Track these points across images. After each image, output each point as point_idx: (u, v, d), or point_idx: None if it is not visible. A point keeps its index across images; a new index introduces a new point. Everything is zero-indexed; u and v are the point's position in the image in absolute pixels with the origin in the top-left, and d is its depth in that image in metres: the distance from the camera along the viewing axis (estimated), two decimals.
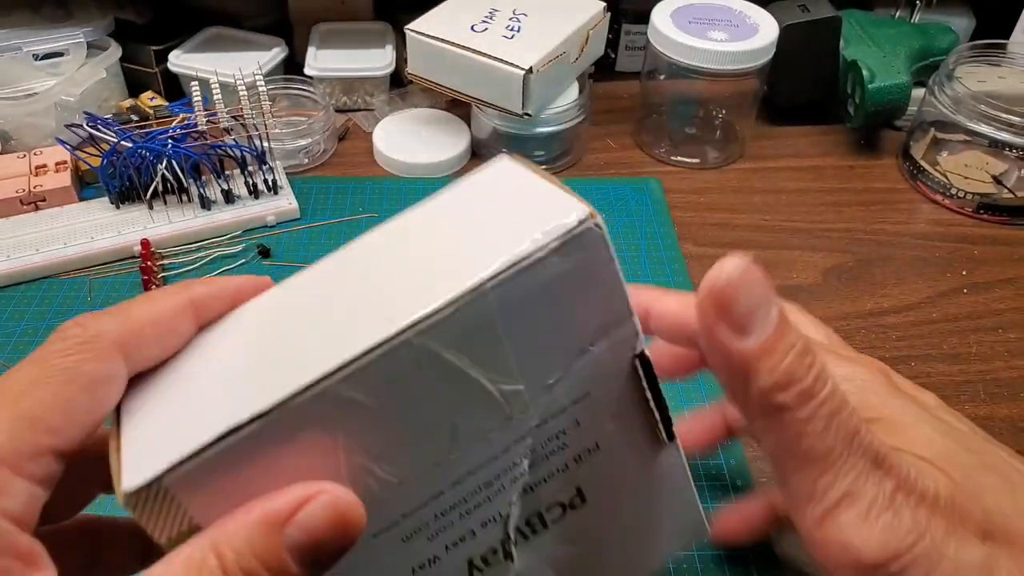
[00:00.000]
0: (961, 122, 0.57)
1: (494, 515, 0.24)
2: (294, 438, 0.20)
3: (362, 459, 0.21)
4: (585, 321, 0.22)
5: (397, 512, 0.22)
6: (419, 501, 0.22)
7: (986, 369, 0.47)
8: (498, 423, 0.22)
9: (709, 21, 0.59)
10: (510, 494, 0.24)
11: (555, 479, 0.24)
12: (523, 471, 0.24)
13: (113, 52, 0.62)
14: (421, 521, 0.23)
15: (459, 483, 0.23)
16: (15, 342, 0.47)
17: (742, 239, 0.56)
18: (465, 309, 0.20)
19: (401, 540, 0.23)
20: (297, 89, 0.63)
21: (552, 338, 0.22)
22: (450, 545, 0.24)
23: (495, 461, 0.23)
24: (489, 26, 0.57)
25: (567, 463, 0.24)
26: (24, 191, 0.53)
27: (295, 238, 0.54)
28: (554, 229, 0.20)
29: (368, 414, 0.20)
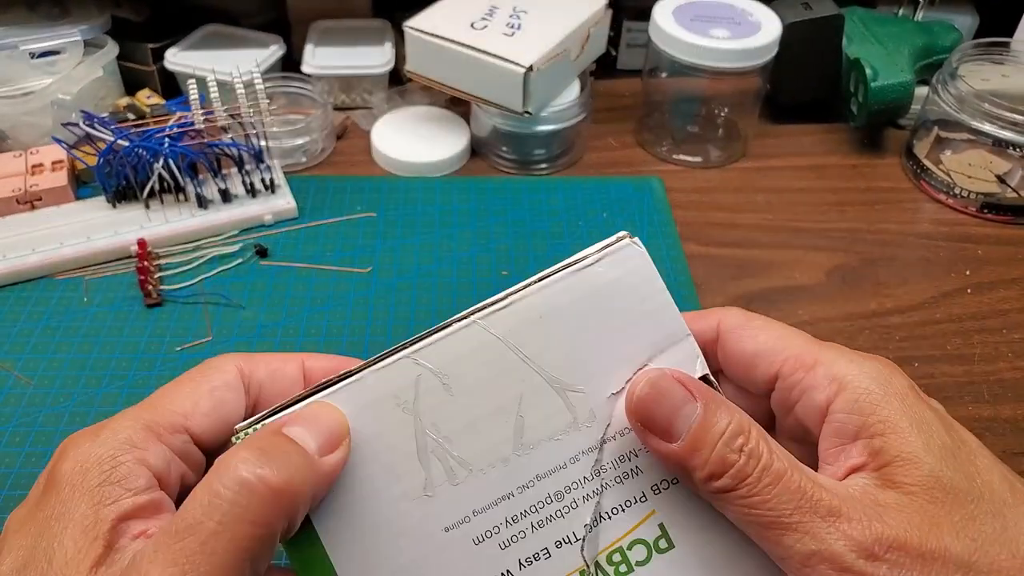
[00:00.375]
0: (965, 121, 0.56)
1: (568, 535, 0.24)
2: (376, 401, 0.23)
3: (435, 435, 0.23)
4: (639, 335, 0.24)
5: (468, 507, 0.23)
6: (489, 499, 0.23)
7: (990, 370, 0.47)
8: (563, 426, 0.24)
9: (711, 18, 0.58)
10: (584, 514, 0.24)
11: (633, 508, 0.24)
12: (596, 489, 0.24)
13: (110, 50, 0.61)
14: (493, 523, 0.23)
15: (528, 487, 0.24)
16: (12, 342, 0.46)
17: (744, 238, 0.56)
18: (520, 303, 0.23)
19: (472, 541, 0.23)
20: (295, 87, 0.63)
21: (608, 347, 0.24)
22: (523, 562, 0.24)
23: (564, 470, 0.24)
24: (489, 23, 0.57)
25: (644, 492, 0.24)
26: (20, 190, 0.53)
27: (293, 237, 0.54)
28: (598, 245, 0.24)
29: (442, 390, 0.23)
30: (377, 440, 0.23)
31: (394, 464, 0.23)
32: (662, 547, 0.24)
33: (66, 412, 0.43)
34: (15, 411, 0.43)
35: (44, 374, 0.45)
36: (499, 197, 0.58)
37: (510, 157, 0.61)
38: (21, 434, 0.42)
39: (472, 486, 0.23)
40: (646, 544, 0.24)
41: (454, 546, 0.23)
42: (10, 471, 0.40)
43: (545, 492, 0.24)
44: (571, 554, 0.24)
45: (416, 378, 0.23)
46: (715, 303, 0.50)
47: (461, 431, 0.23)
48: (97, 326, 0.47)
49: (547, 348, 0.24)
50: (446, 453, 0.23)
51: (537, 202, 0.58)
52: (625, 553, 0.24)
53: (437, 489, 0.23)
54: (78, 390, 0.44)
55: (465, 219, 0.56)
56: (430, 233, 0.54)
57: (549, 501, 0.24)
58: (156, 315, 0.48)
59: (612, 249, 0.24)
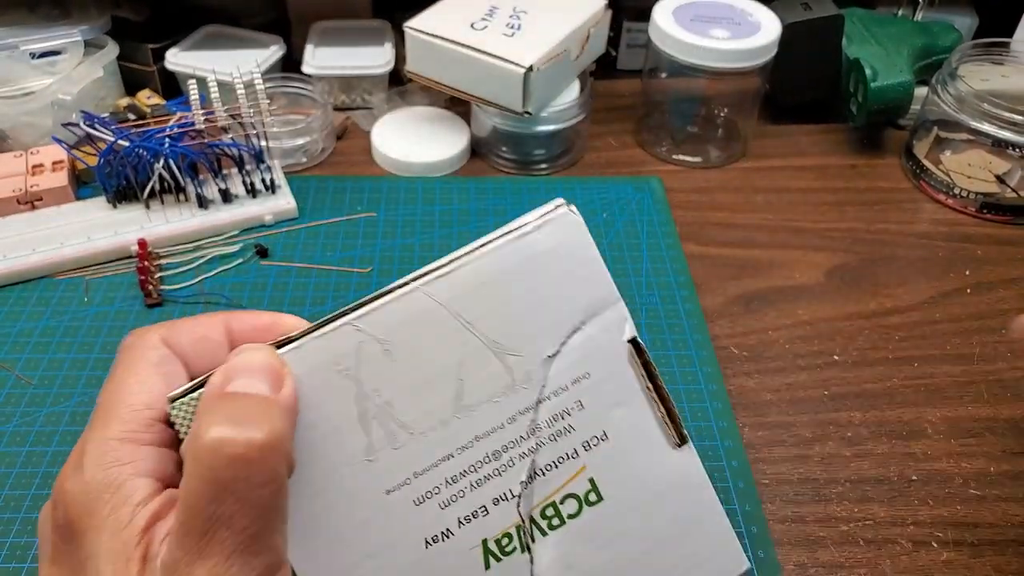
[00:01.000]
0: (964, 121, 0.57)
1: (505, 492, 0.25)
2: (317, 367, 0.23)
3: (376, 401, 0.23)
4: (573, 298, 0.25)
5: (408, 469, 0.24)
6: (430, 460, 0.24)
7: (989, 370, 0.47)
8: (501, 388, 0.24)
9: (711, 19, 0.59)
10: (520, 472, 0.25)
11: (565, 465, 0.25)
12: (532, 447, 0.25)
13: (110, 50, 0.61)
14: (432, 483, 0.24)
15: (467, 448, 0.24)
16: (12, 342, 0.46)
17: (744, 238, 0.56)
18: (461, 270, 0.24)
19: (413, 503, 0.24)
20: (295, 87, 0.63)
21: (545, 312, 0.25)
22: (463, 520, 0.25)
23: (501, 431, 0.25)
24: (489, 24, 0.57)
25: (576, 449, 0.25)
26: (20, 190, 0.53)
27: (293, 237, 0.54)
28: (536, 213, 0.25)
29: (383, 356, 0.23)
30: (319, 407, 0.23)
31: (336, 430, 0.23)
32: (592, 500, 0.26)
33: (66, 412, 0.43)
34: (15, 411, 0.43)
35: (44, 374, 0.45)
36: (499, 197, 0.58)
37: (510, 157, 0.61)
38: (21, 434, 0.42)
39: (413, 448, 0.24)
40: (577, 498, 0.26)
41: (396, 507, 0.24)
42: (11, 471, 0.40)
43: (483, 452, 0.25)
44: (508, 510, 0.25)
45: (358, 344, 0.23)
46: (715, 303, 0.50)
47: (402, 395, 0.24)
48: (97, 326, 0.47)
49: (487, 313, 0.24)
50: (388, 417, 0.24)
51: (537, 202, 0.57)
52: (558, 507, 0.25)
53: (379, 453, 0.24)
54: (78, 390, 0.44)
55: (465, 219, 0.56)
56: (430, 233, 0.55)
57: (487, 460, 0.25)
58: (156, 315, 0.48)
59: (550, 216, 0.25)
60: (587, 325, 0.25)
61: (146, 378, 0.23)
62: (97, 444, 0.22)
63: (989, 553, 0.38)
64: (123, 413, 0.23)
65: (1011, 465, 0.42)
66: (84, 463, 0.22)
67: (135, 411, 0.23)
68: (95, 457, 0.22)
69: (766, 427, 0.43)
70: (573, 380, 0.25)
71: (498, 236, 0.24)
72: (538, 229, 0.25)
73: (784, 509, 0.40)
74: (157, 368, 0.23)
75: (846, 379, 0.46)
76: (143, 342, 0.24)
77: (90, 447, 0.22)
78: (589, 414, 0.25)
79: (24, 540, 0.37)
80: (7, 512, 0.38)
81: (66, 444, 0.41)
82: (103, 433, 0.22)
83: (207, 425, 0.20)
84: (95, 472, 0.21)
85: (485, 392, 0.24)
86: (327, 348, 0.23)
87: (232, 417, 0.20)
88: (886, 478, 0.41)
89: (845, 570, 0.37)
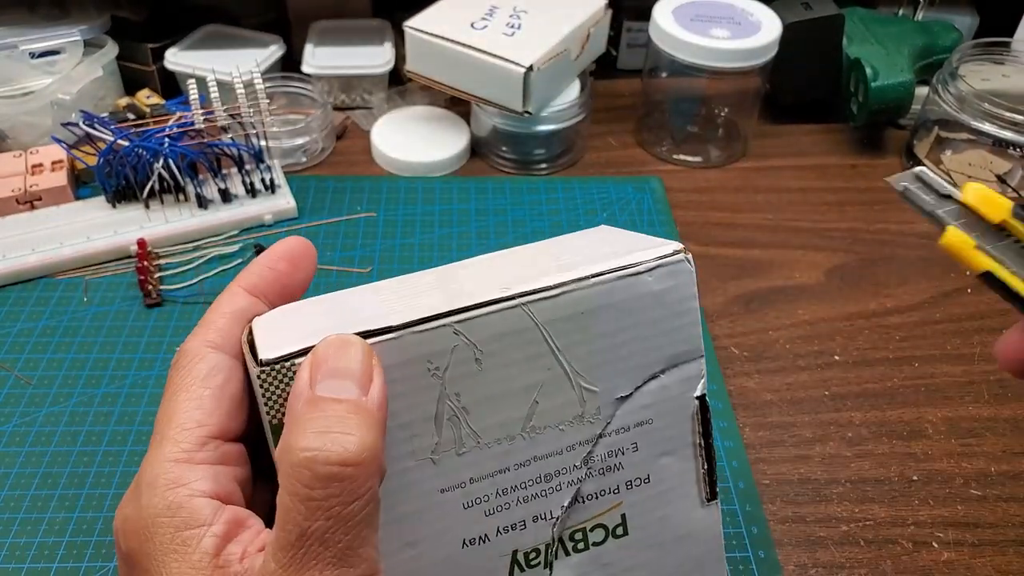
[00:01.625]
0: (965, 121, 0.56)
1: (546, 512, 0.26)
2: (408, 362, 0.23)
3: (454, 404, 0.24)
4: (661, 347, 0.25)
5: (466, 474, 0.24)
6: (487, 470, 0.24)
7: (990, 369, 0.47)
8: (571, 417, 0.25)
9: (711, 18, 0.58)
10: (564, 496, 0.26)
11: (605, 498, 0.26)
12: (581, 477, 0.26)
13: (110, 50, 0.61)
14: (484, 492, 0.25)
15: (524, 466, 0.25)
16: (11, 342, 0.46)
17: (744, 238, 0.56)
18: (566, 296, 0.24)
19: (463, 506, 0.24)
20: (295, 87, 0.63)
21: (631, 353, 0.25)
22: (502, 529, 0.25)
23: (559, 456, 0.25)
24: (489, 23, 0.57)
25: (619, 486, 0.26)
26: (20, 190, 0.53)
27: None
28: (653, 252, 0.25)
29: (472, 363, 0.23)
30: (401, 398, 0.23)
31: (409, 424, 0.24)
32: (618, 533, 0.27)
33: (66, 412, 0.43)
34: (15, 411, 0.43)
35: (44, 374, 0.45)
36: (499, 197, 0.58)
37: (510, 157, 0.61)
38: (21, 434, 0.42)
39: (475, 456, 0.24)
40: (605, 528, 0.27)
41: (445, 507, 0.24)
42: (10, 471, 0.40)
43: (537, 472, 0.25)
44: (544, 529, 0.26)
45: (452, 347, 0.23)
46: (715, 303, 0.50)
47: (479, 405, 0.24)
48: (97, 326, 0.47)
49: (578, 343, 0.24)
50: (461, 423, 0.24)
51: (537, 202, 0.58)
52: (587, 533, 0.26)
53: (443, 454, 0.24)
54: (78, 390, 0.44)
55: (465, 219, 0.56)
56: (430, 233, 0.54)
57: (538, 481, 0.25)
58: (156, 315, 0.48)
59: (667, 261, 0.25)
60: (666, 374, 0.26)
61: (195, 394, 0.23)
62: (151, 468, 0.22)
63: (990, 553, 0.38)
64: (175, 434, 0.22)
65: (1011, 465, 0.42)
66: (140, 487, 0.21)
67: (187, 430, 0.22)
68: (150, 481, 0.21)
69: (766, 427, 0.43)
70: (636, 423, 0.26)
71: (612, 269, 0.24)
72: (651, 272, 0.24)
73: (784, 509, 0.40)
74: (205, 382, 0.23)
75: (846, 379, 0.46)
76: (187, 356, 0.23)
77: (146, 472, 0.22)
78: (640, 456, 0.26)
79: (24, 540, 0.37)
80: (6, 512, 0.38)
81: (65, 444, 0.41)
82: (157, 456, 0.22)
83: (297, 437, 0.19)
84: (151, 497, 0.21)
85: (554, 418, 0.25)
86: (423, 344, 0.23)
87: (323, 429, 0.19)
88: (886, 478, 0.41)
89: (846, 570, 0.37)
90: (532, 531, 0.26)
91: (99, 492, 0.39)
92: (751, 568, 0.37)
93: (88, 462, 0.41)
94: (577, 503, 0.26)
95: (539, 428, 0.25)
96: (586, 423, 0.25)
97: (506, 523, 0.25)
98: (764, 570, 0.37)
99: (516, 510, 0.25)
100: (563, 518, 0.26)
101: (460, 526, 0.25)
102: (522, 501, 0.25)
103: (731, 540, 0.38)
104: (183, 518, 0.21)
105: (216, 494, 0.21)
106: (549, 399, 0.25)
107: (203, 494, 0.21)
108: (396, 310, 0.23)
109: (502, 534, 0.25)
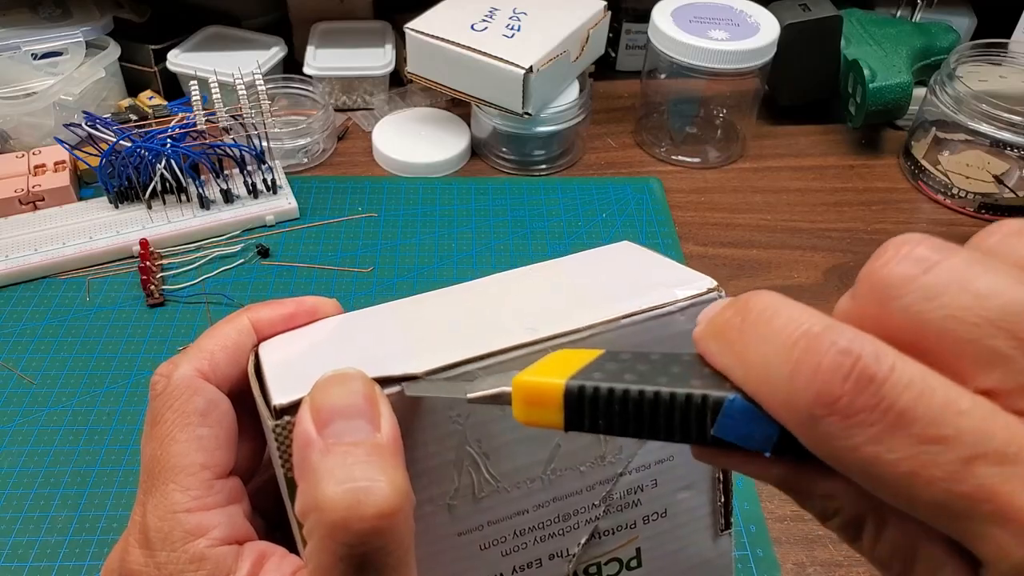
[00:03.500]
0: (962, 122, 0.57)
1: (562, 550, 0.25)
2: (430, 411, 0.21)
3: (475, 451, 0.23)
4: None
5: (484, 517, 0.24)
6: (506, 512, 0.24)
7: None
8: (591, 458, 0.24)
9: (710, 20, 0.59)
10: (581, 534, 0.25)
11: (622, 533, 0.26)
12: (598, 515, 0.25)
13: (112, 51, 0.62)
14: (501, 533, 0.24)
15: (542, 507, 0.24)
16: (13, 342, 0.47)
17: (742, 239, 0.56)
18: (594, 339, 0.22)
19: (479, 547, 0.24)
20: (296, 88, 0.63)
21: None
22: (518, 568, 0.25)
23: (577, 496, 0.25)
24: (489, 25, 0.57)
25: (636, 521, 0.26)
26: (23, 191, 0.53)
27: (294, 238, 0.54)
28: (687, 291, 0.23)
29: (495, 409, 0.22)
30: (421, 446, 0.22)
31: (429, 469, 0.23)
32: (632, 566, 0.26)
33: (68, 411, 0.43)
34: (18, 410, 0.43)
35: (46, 373, 0.45)
36: (499, 197, 0.58)
37: (510, 158, 0.61)
38: (24, 433, 0.42)
39: (494, 500, 0.24)
40: (620, 562, 0.26)
41: (462, 549, 0.24)
42: (13, 470, 0.40)
43: (556, 513, 0.25)
44: (560, 566, 0.25)
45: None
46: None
47: (501, 450, 0.23)
48: (99, 326, 0.48)
49: None
50: (481, 468, 0.23)
51: (537, 202, 0.58)
52: (601, 567, 0.26)
53: (461, 499, 0.23)
54: (80, 389, 0.44)
55: (465, 219, 0.56)
56: (430, 233, 0.55)
57: (556, 521, 0.25)
58: (158, 315, 0.49)
59: (700, 300, 0.23)
60: None
61: (195, 433, 0.21)
62: (162, 519, 0.20)
63: None
64: (182, 480, 0.21)
65: None
66: (152, 542, 0.20)
67: (192, 475, 0.21)
68: (163, 535, 0.20)
69: None
70: (657, 461, 0.25)
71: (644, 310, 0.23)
72: (683, 311, 0.23)
73: (783, 508, 0.40)
74: (204, 419, 0.21)
75: None
76: (179, 388, 0.22)
77: (153, 523, 0.20)
78: (658, 492, 0.26)
79: (26, 539, 0.37)
80: (9, 511, 0.39)
81: (68, 443, 0.42)
82: (165, 505, 0.20)
83: (322, 493, 0.18)
84: (170, 552, 0.20)
85: (576, 459, 0.24)
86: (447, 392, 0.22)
87: (348, 481, 0.18)
88: None
89: (843, 568, 0.37)
90: (548, 568, 0.25)
91: (102, 491, 0.40)
92: (750, 566, 0.37)
93: (91, 461, 0.41)
94: (593, 539, 0.26)
95: (560, 470, 0.24)
96: (607, 463, 0.25)
97: (522, 561, 0.25)
98: (763, 568, 0.37)
99: (533, 549, 0.25)
100: (579, 555, 0.25)
101: (477, 567, 0.24)
102: (539, 540, 0.25)
103: None
104: (208, 570, 0.20)
105: (235, 538, 0.21)
106: (570, 441, 0.24)
107: (223, 541, 0.20)
108: (417, 350, 0.22)
109: (518, 572, 0.25)
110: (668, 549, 0.27)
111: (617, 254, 0.28)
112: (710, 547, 0.28)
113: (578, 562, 0.26)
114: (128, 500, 0.39)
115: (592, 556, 0.26)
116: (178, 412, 0.21)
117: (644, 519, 0.26)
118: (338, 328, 0.24)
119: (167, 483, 0.21)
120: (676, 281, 0.24)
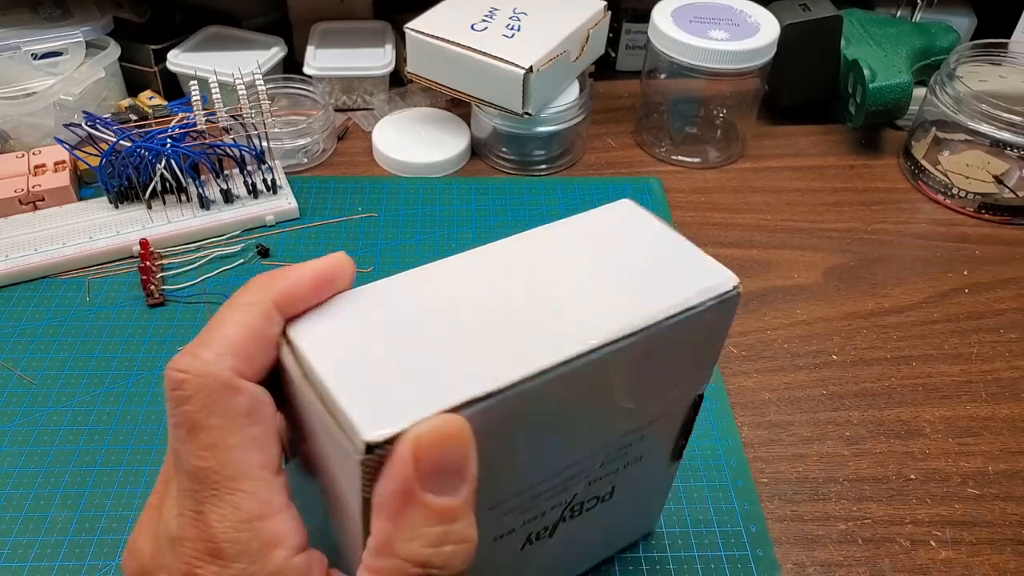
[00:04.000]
0: (962, 122, 0.57)
1: (563, 501, 0.28)
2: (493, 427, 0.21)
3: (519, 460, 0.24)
4: (697, 366, 0.27)
5: (512, 491, 0.25)
6: (530, 483, 0.25)
7: (987, 369, 0.47)
8: (607, 435, 0.26)
9: (710, 20, 0.59)
10: (580, 485, 0.27)
11: (608, 478, 0.29)
12: (597, 473, 0.28)
13: (112, 51, 0.62)
14: (523, 502, 0.26)
15: (557, 475, 0.26)
16: (14, 342, 0.47)
17: (742, 239, 0.56)
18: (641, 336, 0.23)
19: (503, 514, 0.25)
20: (296, 88, 0.63)
21: (670, 374, 0.26)
22: (527, 520, 0.27)
23: (587, 459, 0.26)
24: (489, 25, 0.57)
25: (619, 468, 0.29)
26: (23, 191, 0.53)
27: (294, 238, 0.54)
28: (714, 288, 0.24)
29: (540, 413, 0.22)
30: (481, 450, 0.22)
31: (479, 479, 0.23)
32: (605, 499, 0.30)
33: (68, 411, 0.43)
34: (18, 410, 0.43)
35: (46, 374, 0.45)
36: (499, 197, 0.58)
37: (510, 158, 0.61)
38: (24, 433, 0.42)
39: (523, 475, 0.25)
40: (598, 498, 0.29)
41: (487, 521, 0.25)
42: (13, 470, 0.40)
43: (567, 476, 0.26)
44: (556, 512, 0.28)
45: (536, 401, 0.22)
46: None
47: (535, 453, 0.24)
48: (99, 326, 0.48)
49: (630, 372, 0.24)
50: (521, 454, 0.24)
51: (537, 202, 0.58)
52: (584, 504, 0.29)
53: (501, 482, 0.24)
54: (80, 389, 0.44)
55: (465, 219, 0.56)
56: (431, 233, 0.55)
57: (567, 481, 0.27)
58: (158, 315, 0.49)
59: (726, 297, 0.24)
60: (683, 383, 0.28)
61: (249, 435, 0.20)
62: (237, 529, 0.20)
63: (987, 552, 0.38)
64: (247, 485, 0.20)
65: (1009, 464, 0.42)
66: (224, 553, 0.20)
67: (256, 479, 0.20)
68: (241, 546, 0.20)
69: (764, 426, 0.44)
70: (649, 421, 0.27)
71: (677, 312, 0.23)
72: (709, 309, 0.24)
73: (783, 508, 0.40)
74: (252, 418, 0.20)
75: (844, 378, 0.46)
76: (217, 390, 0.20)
77: (227, 534, 0.20)
78: (644, 444, 0.28)
79: (26, 539, 0.37)
80: (9, 511, 0.39)
81: (68, 443, 0.41)
82: (237, 515, 0.20)
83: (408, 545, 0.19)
84: (249, 566, 0.20)
85: (592, 441, 0.26)
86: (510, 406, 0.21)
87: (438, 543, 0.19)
88: (884, 477, 0.41)
89: (843, 569, 0.37)
90: (549, 516, 0.28)
91: (101, 491, 0.40)
92: (749, 567, 0.37)
93: (91, 461, 0.41)
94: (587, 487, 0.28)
95: (580, 444, 0.26)
96: (615, 431, 0.27)
97: (531, 516, 0.27)
98: (762, 568, 0.37)
99: (541, 505, 0.27)
100: (571, 501, 0.28)
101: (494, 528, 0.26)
102: (548, 498, 0.27)
103: (729, 539, 0.38)
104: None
105: (303, 543, 0.21)
106: (593, 428, 0.25)
107: (296, 549, 0.20)
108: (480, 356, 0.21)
109: (527, 524, 0.27)
110: (636, 484, 0.31)
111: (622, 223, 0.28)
112: (664, 473, 0.32)
113: (570, 507, 0.28)
114: (128, 500, 0.39)
115: (581, 499, 0.28)
116: (225, 418, 0.20)
117: (625, 464, 0.29)
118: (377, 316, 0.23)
119: (233, 492, 0.20)
120: (700, 275, 0.25)
